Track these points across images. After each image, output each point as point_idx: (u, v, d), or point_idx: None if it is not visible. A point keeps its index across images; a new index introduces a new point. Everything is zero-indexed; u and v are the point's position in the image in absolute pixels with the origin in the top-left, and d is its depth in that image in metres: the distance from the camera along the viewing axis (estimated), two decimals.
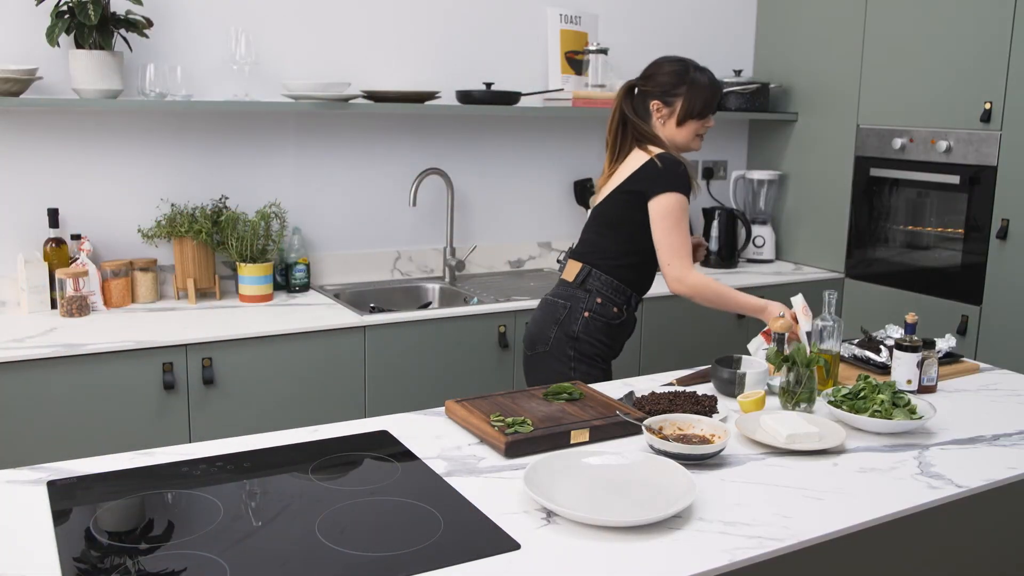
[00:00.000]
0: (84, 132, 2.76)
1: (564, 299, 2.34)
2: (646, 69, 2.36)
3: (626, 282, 2.33)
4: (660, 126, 2.32)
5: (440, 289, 3.28)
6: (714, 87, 2.32)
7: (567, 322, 2.31)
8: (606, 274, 2.31)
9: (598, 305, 2.30)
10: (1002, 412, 1.96)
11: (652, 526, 1.36)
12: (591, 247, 2.36)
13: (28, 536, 1.30)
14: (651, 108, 2.32)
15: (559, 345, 2.31)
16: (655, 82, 2.31)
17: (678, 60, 2.33)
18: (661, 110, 2.31)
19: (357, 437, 1.72)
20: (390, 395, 2.75)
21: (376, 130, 3.22)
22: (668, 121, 2.31)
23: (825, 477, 1.58)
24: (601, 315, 2.30)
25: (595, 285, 2.31)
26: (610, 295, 2.31)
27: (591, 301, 2.30)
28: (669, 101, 2.30)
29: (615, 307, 2.31)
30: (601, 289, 2.31)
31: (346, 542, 1.29)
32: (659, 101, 2.30)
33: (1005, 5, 3.00)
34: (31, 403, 2.27)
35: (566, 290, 2.35)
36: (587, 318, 2.29)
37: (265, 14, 2.96)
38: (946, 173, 3.22)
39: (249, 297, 2.86)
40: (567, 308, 2.32)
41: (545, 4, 3.47)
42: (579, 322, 2.30)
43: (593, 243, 2.36)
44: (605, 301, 2.30)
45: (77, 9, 2.50)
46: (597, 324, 2.30)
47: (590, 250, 2.35)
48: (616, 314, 2.32)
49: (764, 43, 3.93)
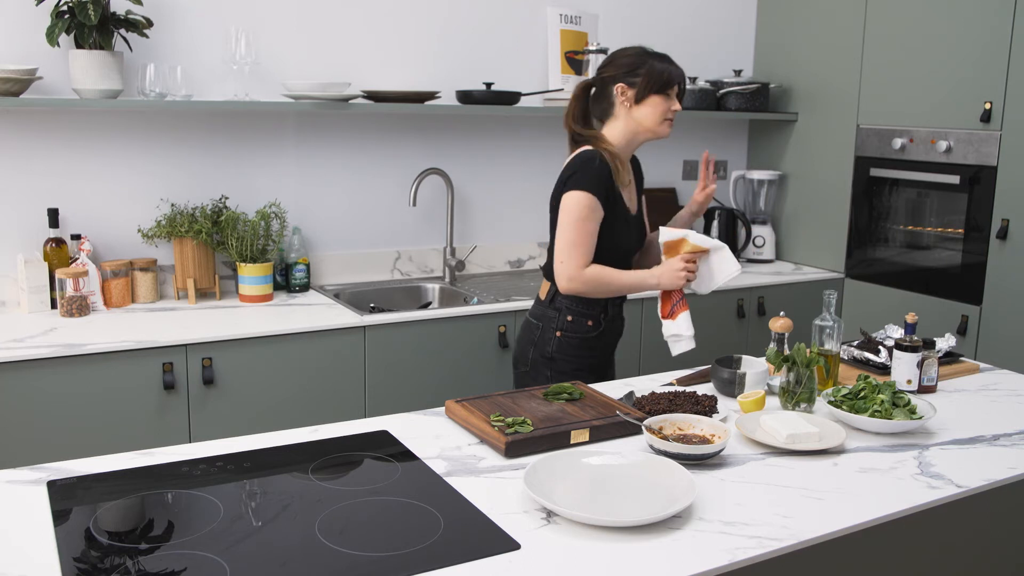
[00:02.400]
0: (84, 132, 2.76)
1: (536, 319, 2.30)
2: (603, 62, 2.29)
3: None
4: (626, 112, 2.22)
5: (440, 289, 3.28)
6: (674, 65, 2.23)
7: (541, 343, 2.27)
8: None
9: (569, 323, 2.24)
10: (1002, 412, 1.96)
11: (652, 526, 1.36)
12: (551, 261, 2.25)
13: (28, 536, 1.30)
14: (615, 94, 2.22)
15: (537, 366, 2.28)
16: (616, 65, 2.23)
17: (636, 46, 2.27)
18: (625, 92, 2.21)
19: (357, 437, 1.72)
20: (390, 395, 2.75)
21: (376, 130, 3.22)
22: (632, 103, 2.21)
23: (825, 477, 1.58)
24: (574, 332, 2.24)
25: (563, 303, 2.24)
26: (580, 310, 2.24)
27: (561, 320, 2.24)
28: (632, 81, 2.20)
29: (589, 320, 2.24)
30: (570, 306, 2.24)
31: (346, 542, 1.29)
32: (623, 83, 2.20)
33: (1005, 5, 3.00)
34: (31, 403, 2.27)
35: (538, 309, 2.31)
36: (559, 338, 2.24)
37: (265, 14, 2.96)
38: (946, 173, 3.22)
39: (249, 297, 2.86)
40: (540, 328, 2.28)
41: (545, 4, 3.47)
42: (552, 343, 2.25)
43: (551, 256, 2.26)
44: (576, 317, 2.24)
45: (77, 9, 2.50)
46: (572, 342, 2.25)
47: (551, 264, 2.25)
48: (591, 327, 2.25)
49: (764, 43, 3.93)
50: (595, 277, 2.16)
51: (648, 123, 2.22)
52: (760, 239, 3.81)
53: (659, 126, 2.23)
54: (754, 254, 3.81)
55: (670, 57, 2.24)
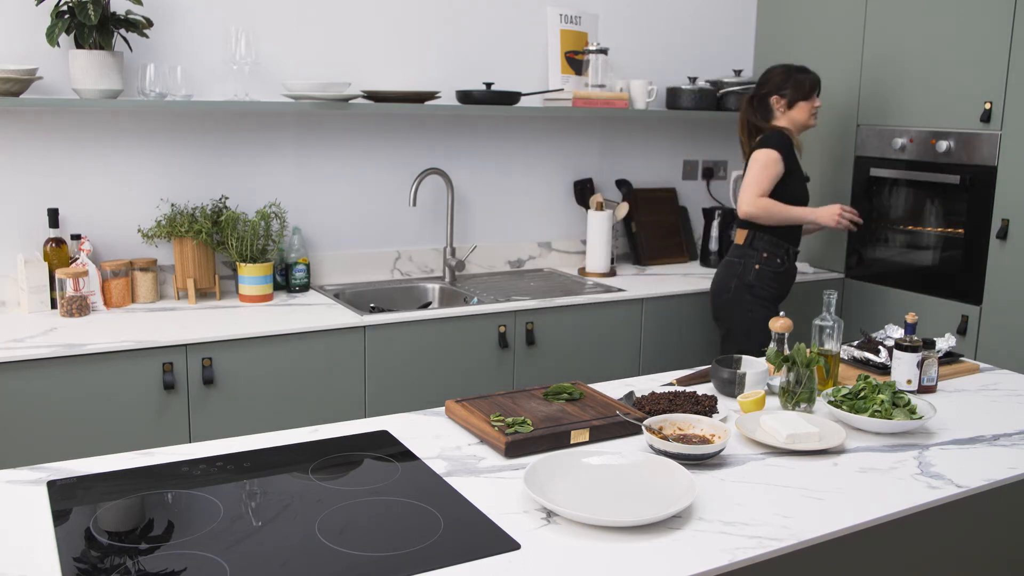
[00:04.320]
0: (84, 132, 2.76)
1: (738, 258, 3.04)
2: (760, 79, 3.12)
3: (782, 237, 3.01)
4: (782, 115, 3.07)
5: (440, 289, 3.28)
6: (812, 74, 3.05)
7: (744, 274, 3.01)
8: (767, 234, 3.00)
9: (764, 259, 3.00)
10: (1002, 412, 1.96)
11: (652, 526, 1.36)
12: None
13: (28, 536, 1.30)
14: (772, 104, 3.07)
15: (739, 293, 3.01)
16: (772, 84, 3.07)
17: (782, 65, 3.10)
18: (779, 101, 3.06)
19: (357, 437, 1.72)
20: (390, 395, 2.75)
21: (376, 130, 3.22)
22: (786, 108, 3.05)
23: (825, 477, 1.58)
24: (768, 266, 3.00)
25: (760, 244, 3.01)
26: (772, 250, 3.01)
27: (759, 256, 3.00)
28: (784, 92, 3.04)
29: (778, 258, 3.01)
30: (765, 246, 3.00)
31: (346, 542, 1.29)
32: (776, 95, 3.06)
33: (1005, 5, 3.00)
34: (31, 403, 2.27)
35: (739, 251, 3.05)
36: (758, 270, 2.99)
37: (265, 14, 2.96)
38: (946, 173, 3.22)
39: (249, 297, 2.86)
40: (742, 264, 3.02)
41: (545, 4, 3.47)
42: (752, 273, 3.00)
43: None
44: (770, 255, 3.00)
45: (77, 9, 2.50)
46: (767, 273, 3.00)
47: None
48: (780, 263, 3.01)
49: (764, 43, 3.93)
50: (766, 205, 2.95)
51: (800, 120, 3.07)
52: None
53: (808, 119, 3.08)
54: None
55: (807, 67, 3.07)
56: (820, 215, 3.04)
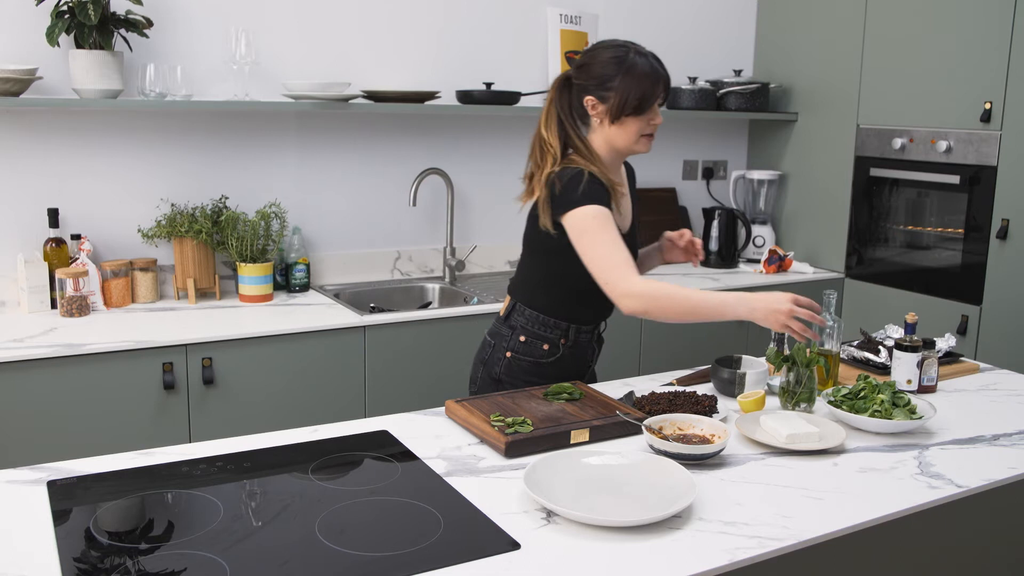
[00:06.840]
0: (84, 132, 2.76)
1: (490, 336, 2.09)
2: (582, 56, 1.95)
3: (556, 314, 2.00)
4: (598, 126, 1.93)
5: (440, 289, 3.28)
6: (655, 75, 1.88)
7: (490, 363, 2.05)
8: (530, 308, 2.00)
9: (521, 344, 2.01)
10: (1002, 412, 1.96)
11: (652, 526, 1.36)
12: (517, 276, 2.08)
13: (28, 536, 1.30)
14: (586, 105, 1.92)
15: (484, 387, 2.07)
16: (589, 73, 1.90)
17: (618, 45, 1.91)
18: (597, 107, 1.91)
19: (357, 437, 1.72)
20: (390, 395, 2.75)
21: (376, 130, 3.22)
22: (604, 120, 1.91)
23: (825, 477, 1.58)
24: (526, 355, 2.01)
25: (519, 321, 2.02)
26: (537, 331, 2.00)
27: (514, 340, 2.02)
28: (604, 96, 1.89)
29: (545, 344, 2.00)
30: (525, 325, 2.01)
31: (346, 542, 1.29)
32: (593, 96, 1.90)
33: (1005, 5, 3.00)
34: (31, 403, 2.27)
35: (494, 326, 2.09)
36: (508, 359, 2.02)
37: (265, 14, 2.96)
38: (946, 173, 3.22)
39: (249, 297, 2.86)
40: (491, 346, 2.06)
41: (545, 4, 3.47)
42: (501, 363, 2.03)
43: (519, 271, 2.08)
44: (530, 338, 2.00)
45: (77, 9, 2.50)
46: (521, 365, 2.02)
47: (516, 279, 2.08)
48: (546, 351, 2.01)
49: (764, 43, 3.93)
50: (656, 291, 1.78)
51: (621, 144, 1.94)
52: (760, 239, 3.81)
53: (635, 144, 1.94)
54: (754, 254, 3.81)
55: (652, 59, 1.91)
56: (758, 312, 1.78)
